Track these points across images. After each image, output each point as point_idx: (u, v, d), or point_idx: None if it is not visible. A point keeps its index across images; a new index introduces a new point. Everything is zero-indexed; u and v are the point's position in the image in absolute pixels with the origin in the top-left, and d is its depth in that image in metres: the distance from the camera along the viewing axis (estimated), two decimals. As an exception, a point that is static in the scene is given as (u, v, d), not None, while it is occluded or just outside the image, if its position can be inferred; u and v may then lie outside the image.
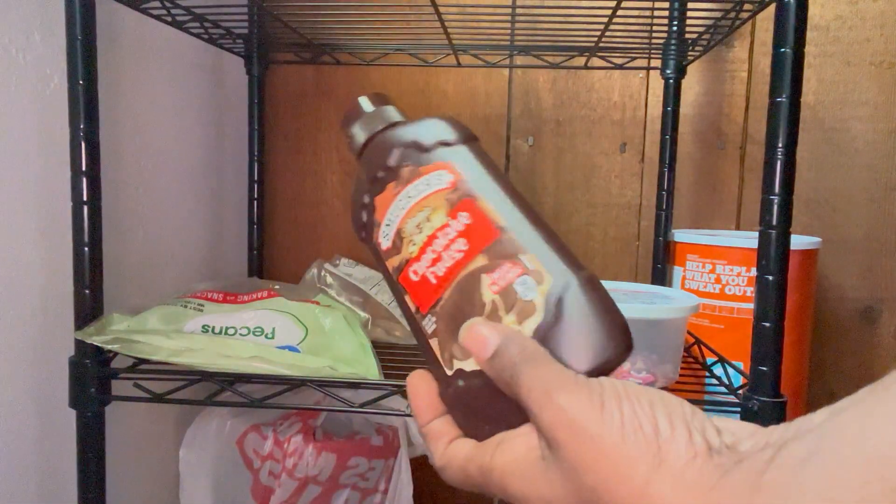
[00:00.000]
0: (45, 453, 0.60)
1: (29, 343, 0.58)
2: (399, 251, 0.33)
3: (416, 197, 0.33)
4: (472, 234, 0.31)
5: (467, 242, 0.31)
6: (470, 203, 0.31)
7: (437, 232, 0.31)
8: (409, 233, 0.32)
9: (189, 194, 0.83)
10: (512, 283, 0.29)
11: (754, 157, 0.96)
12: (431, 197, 0.32)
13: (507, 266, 0.30)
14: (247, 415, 0.78)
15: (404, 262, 0.32)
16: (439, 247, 0.31)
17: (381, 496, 0.80)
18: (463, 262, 0.31)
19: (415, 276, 0.32)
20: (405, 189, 0.33)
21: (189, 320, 0.62)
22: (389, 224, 0.33)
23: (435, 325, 0.31)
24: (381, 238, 0.34)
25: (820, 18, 0.92)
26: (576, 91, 0.98)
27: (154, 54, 0.74)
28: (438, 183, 0.32)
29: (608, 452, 0.23)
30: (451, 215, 0.31)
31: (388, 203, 0.34)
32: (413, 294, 0.32)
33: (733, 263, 0.79)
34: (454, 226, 0.31)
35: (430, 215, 0.32)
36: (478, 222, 0.31)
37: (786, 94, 0.51)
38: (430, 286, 0.31)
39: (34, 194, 0.58)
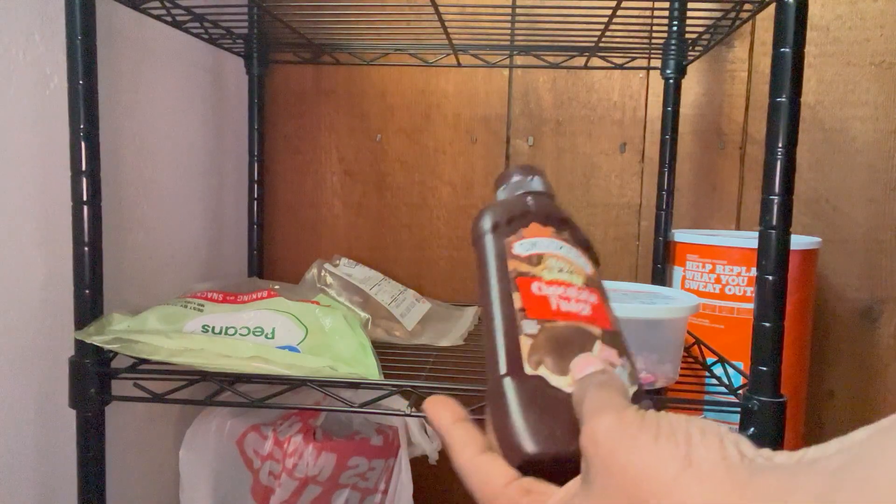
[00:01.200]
0: (45, 453, 0.60)
1: (29, 343, 0.58)
2: (532, 265, 0.36)
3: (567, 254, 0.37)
4: (596, 311, 0.35)
5: (592, 311, 0.35)
6: (598, 294, 0.36)
7: (572, 284, 0.35)
8: (550, 264, 0.36)
9: (189, 194, 0.83)
10: (615, 367, 0.32)
11: (754, 157, 0.96)
12: (576, 264, 0.37)
13: (615, 354, 0.33)
14: (247, 415, 0.78)
15: (532, 274, 0.35)
16: (571, 293, 0.35)
17: (381, 496, 0.80)
18: (584, 320, 0.34)
19: (538, 290, 0.35)
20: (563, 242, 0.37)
21: (189, 320, 0.62)
22: (535, 245, 0.37)
23: (536, 331, 0.33)
24: (517, 245, 0.37)
25: (820, 18, 0.92)
26: (576, 91, 0.98)
27: (154, 54, 0.74)
28: (584, 265, 0.37)
29: (640, 456, 0.23)
30: (586, 287, 0.36)
31: (544, 233, 0.38)
32: (525, 298, 0.35)
33: (733, 263, 0.79)
34: (586, 295, 0.35)
35: (573, 271, 0.36)
36: (601, 310, 0.35)
37: (786, 94, 0.51)
38: (548, 307, 0.34)
39: (34, 194, 0.58)
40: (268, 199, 1.02)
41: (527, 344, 0.33)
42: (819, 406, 0.96)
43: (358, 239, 1.03)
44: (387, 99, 1.00)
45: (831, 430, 0.97)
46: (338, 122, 1.01)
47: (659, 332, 0.62)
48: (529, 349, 0.33)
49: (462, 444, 0.31)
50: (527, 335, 0.33)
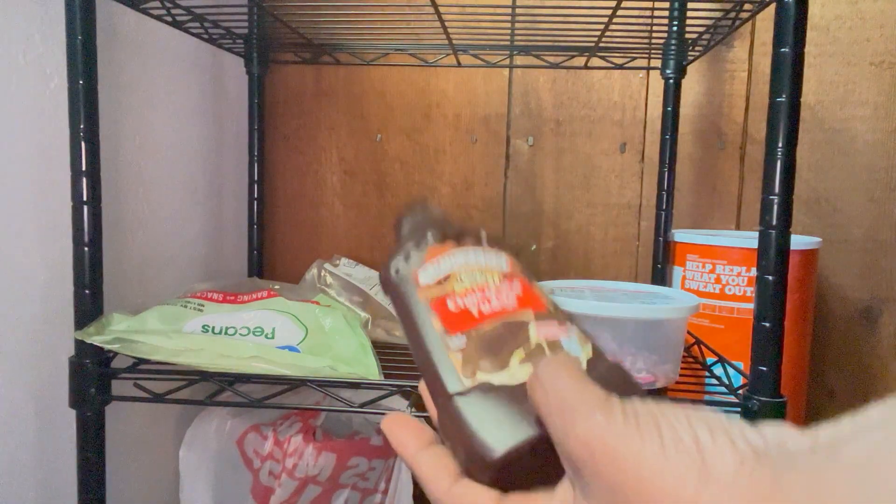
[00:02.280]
0: (45, 453, 0.60)
1: (29, 343, 0.58)
2: (439, 285, 0.35)
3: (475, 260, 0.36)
4: (523, 298, 0.33)
5: (518, 300, 0.33)
6: (524, 282, 0.35)
7: (491, 281, 0.34)
8: (459, 278, 0.35)
9: (189, 194, 0.83)
10: (559, 338, 0.31)
11: (754, 157, 0.96)
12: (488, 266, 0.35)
13: (555, 324, 0.32)
14: (247, 415, 0.78)
15: (441, 294, 0.34)
16: (491, 293, 0.34)
17: (381, 496, 0.80)
18: (512, 311, 0.32)
19: (454, 306, 0.34)
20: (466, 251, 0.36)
21: (189, 320, 0.62)
22: (438, 268, 0.36)
23: (464, 344, 0.32)
24: (420, 275, 0.36)
25: (820, 18, 0.92)
26: (576, 91, 0.98)
27: (154, 54, 0.74)
28: (498, 264, 0.36)
29: (651, 471, 0.21)
30: (506, 278, 0.34)
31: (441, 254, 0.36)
32: (444, 319, 0.33)
33: (733, 263, 0.79)
34: (507, 286, 0.34)
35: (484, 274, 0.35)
36: (529, 295, 0.34)
37: (786, 94, 0.51)
38: (468, 316, 0.33)
39: (34, 194, 0.58)
40: (268, 199, 1.02)
41: (458, 359, 0.32)
42: (819, 406, 0.96)
43: (358, 239, 1.03)
44: (387, 99, 1.00)
45: (831, 430, 0.96)
46: (338, 122, 1.01)
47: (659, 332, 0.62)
48: (462, 363, 0.31)
49: (434, 475, 0.29)
50: (456, 351, 0.32)
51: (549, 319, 0.32)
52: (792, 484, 0.19)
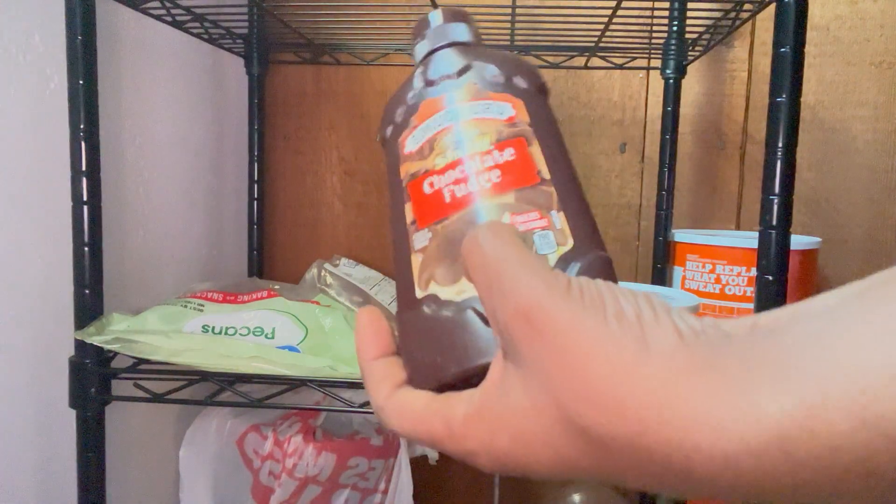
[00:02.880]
0: (45, 453, 0.60)
1: (29, 343, 0.58)
2: (423, 158, 0.30)
3: (469, 115, 0.30)
4: (511, 171, 0.29)
5: (501, 176, 0.28)
6: (521, 142, 0.29)
7: (474, 154, 0.29)
8: (443, 145, 0.30)
9: (189, 194, 0.83)
10: (532, 231, 0.27)
11: (754, 157, 0.96)
12: (485, 122, 0.30)
13: (534, 214, 0.28)
14: (247, 415, 0.78)
15: (423, 170, 0.30)
16: (470, 170, 0.29)
17: (381, 496, 0.80)
18: (489, 193, 0.28)
19: (429, 187, 0.29)
20: (462, 104, 0.30)
21: (189, 320, 0.62)
22: (427, 129, 0.31)
23: (428, 241, 0.28)
24: (408, 139, 0.31)
25: (820, 18, 0.92)
26: (576, 91, 0.98)
27: (154, 54, 0.74)
28: (499, 112, 0.30)
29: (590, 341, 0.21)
30: (496, 146, 0.29)
31: (435, 109, 0.31)
32: (416, 204, 0.30)
33: (733, 263, 0.79)
34: (495, 156, 0.29)
35: (475, 137, 0.29)
36: (521, 162, 0.29)
37: (786, 94, 0.51)
38: (440, 203, 0.29)
39: (34, 194, 0.58)
40: (268, 199, 1.02)
41: (417, 262, 0.29)
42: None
43: (358, 239, 1.03)
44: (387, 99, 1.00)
45: (831, 430, 0.96)
46: (338, 122, 1.01)
47: (659, 332, 0.62)
48: (420, 268, 0.28)
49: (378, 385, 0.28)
50: (417, 252, 0.29)
51: (531, 205, 0.28)
52: (727, 357, 0.19)
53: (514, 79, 0.31)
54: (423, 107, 0.31)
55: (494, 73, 0.31)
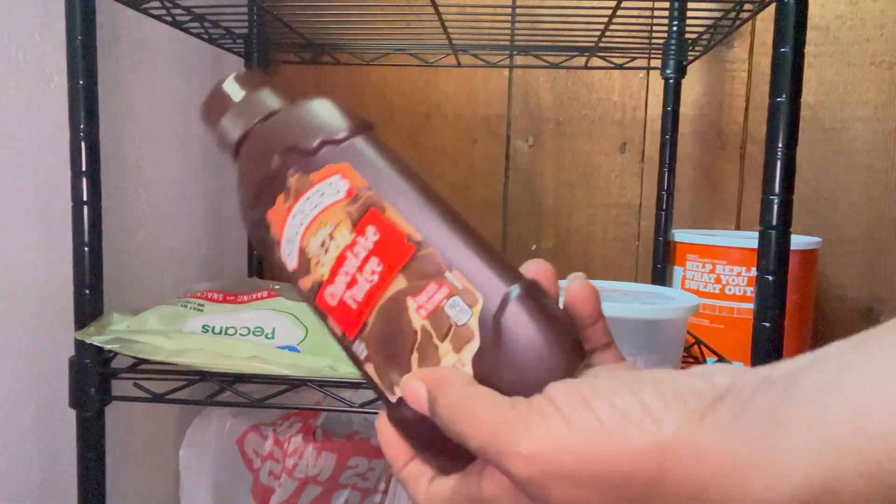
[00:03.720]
0: (45, 453, 0.60)
1: (29, 343, 0.58)
2: (308, 272, 0.29)
3: (310, 212, 0.28)
4: (385, 251, 0.27)
5: (381, 262, 0.27)
6: (376, 214, 0.27)
7: (345, 251, 0.27)
8: (314, 252, 0.28)
9: (189, 194, 0.83)
10: (441, 305, 0.26)
11: (754, 157, 0.96)
12: (329, 211, 0.28)
13: (432, 287, 0.26)
14: (247, 415, 0.78)
15: (317, 284, 0.28)
16: (351, 268, 0.27)
17: (381, 496, 0.80)
18: (381, 286, 0.27)
19: (332, 299, 0.28)
20: (297, 203, 0.28)
21: (189, 320, 0.62)
22: (290, 242, 0.29)
23: (366, 351, 0.28)
24: (285, 257, 0.29)
25: (820, 18, 0.92)
26: (576, 91, 0.98)
27: (154, 54, 0.74)
28: (334, 193, 0.28)
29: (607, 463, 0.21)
30: (357, 231, 0.27)
31: (282, 219, 0.29)
32: (335, 318, 0.28)
33: (733, 263, 0.79)
34: (362, 243, 0.27)
35: (332, 232, 0.28)
36: (388, 237, 0.27)
37: (786, 94, 0.51)
38: (351, 312, 0.28)
39: (34, 194, 0.58)
40: (268, 199, 1.01)
41: (373, 371, 0.28)
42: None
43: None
44: (387, 99, 1.00)
45: (831, 430, 0.96)
46: (338, 122, 1.01)
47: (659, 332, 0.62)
48: (378, 376, 0.28)
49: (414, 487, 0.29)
50: (366, 361, 0.28)
51: (423, 279, 0.26)
52: (750, 423, 0.19)
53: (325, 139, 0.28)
54: (271, 219, 0.30)
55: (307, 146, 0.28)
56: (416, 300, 0.26)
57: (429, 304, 0.26)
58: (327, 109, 0.30)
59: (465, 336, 0.25)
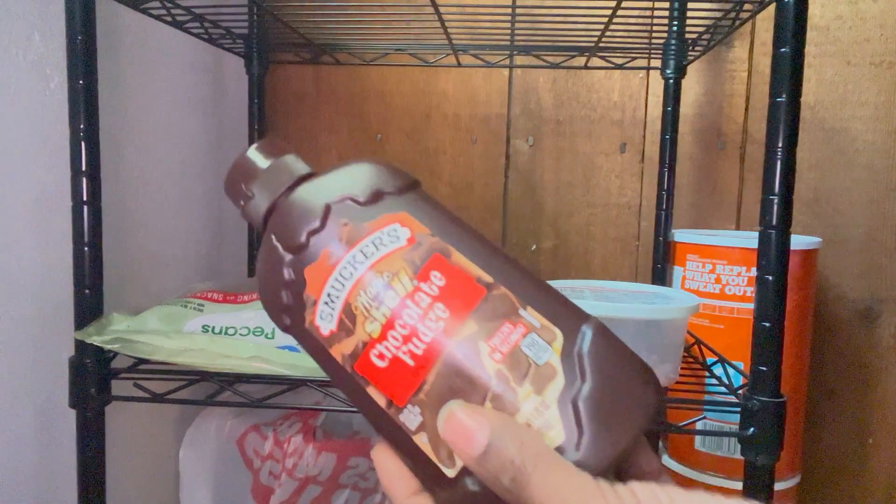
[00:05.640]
0: (45, 453, 0.60)
1: (29, 343, 0.58)
2: (351, 333, 0.26)
3: (364, 263, 0.26)
4: (453, 296, 0.25)
5: (447, 308, 0.25)
6: (440, 259, 0.26)
7: (405, 300, 0.25)
8: (364, 309, 0.26)
9: (189, 194, 0.83)
10: (517, 345, 0.24)
11: (754, 157, 0.96)
12: (386, 260, 0.26)
13: (507, 327, 0.24)
14: (247, 415, 0.78)
15: (361, 345, 0.26)
16: (412, 318, 0.25)
17: (382, 496, 0.80)
18: (448, 332, 0.24)
19: (381, 360, 0.25)
20: (348, 254, 0.26)
21: (189, 320, 0.62)
22: (331, 301, 0.26)
23: (421, 416, 0.25)
24: (318, 320, 0.27)
25: (820, 18, 0.92)
26: (576, 91, 0.98)
27: (154, 54, 0.74)
28: (393, 241, 0.26)
29: None
30: (419, 278, 0.25)
31: (325, 275, 0.26)
32: (381, 384, 0.26)
33: (733, 263, 0.79)
34: (427, 289, 0.25)
35: (390, 282, 0.25)
36: (456, 281, 0.25)
37: (786, 94, 0.51)
38: (406, 369, 0.25)
39: (34, 194, 0.58)
40: (268, 199, 1.01)
41: (426, 444, 0.25)
42: (819, 406, 0.96)
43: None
44: (387, 99, 1.00)
45: (831, 429, 0.97)
46: (338, 122, 1.01)
47: (659, 332, 0.62)
48: (433, 448, 0.25)
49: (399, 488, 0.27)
50: (417, 431, 0.25)
51: (496, 319, 0.25)
52: None
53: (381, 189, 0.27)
54: (309, 277, 0.27)
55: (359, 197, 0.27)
56: (489, 343, 0.24)
57: (503, 347, 0.24)
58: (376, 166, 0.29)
59: (546, 375, 0.24)
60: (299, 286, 0.27)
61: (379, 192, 0.27)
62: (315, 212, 0.27)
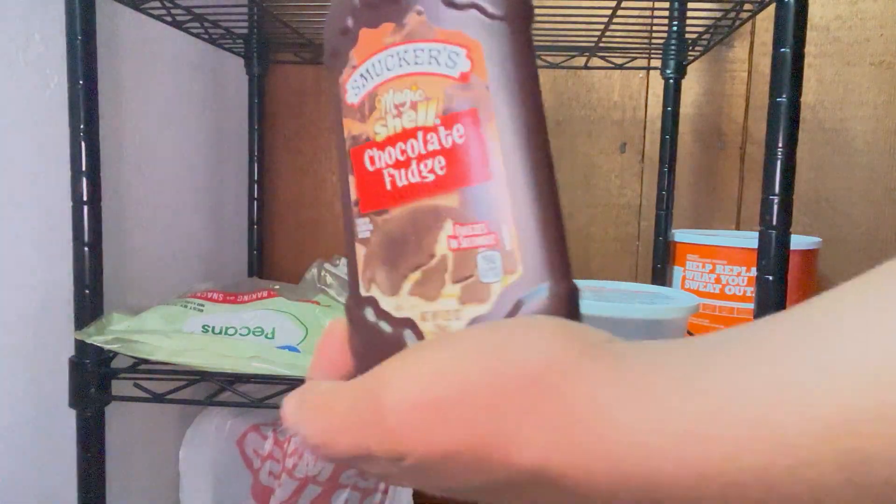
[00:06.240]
0: (45, 453, 0.60)
1: (29, 343, 0.58)
2: (364, 119, 0.25)
3: (410, 66, 0.24)
4: (458, 160, 0.23)
5: (446, 167, 0.23)
6: (475, 118, 0.23)
7: (417, 130, 0.24)
8: (384, 106, 0.24)
9: (189, 194, 0.83)
10: (476, 250, 0.23)
11: (754, 157, 0.96)
12: (429, 78, 0.24)
13: (480, 227, 0.23)
14: (247, 415, 0.78)
15: (364, 137, 0.25)
16: (412, 150, 0.24)
17: (381, 496, 0.80)
18: (431, 190, 0.24)
19: (370, 164, 0.25)
20: (402, 46, 0.24)
21: (189, 320, 0.62)
22: (366, 77, 0.25)
23: (369, 234, 0.25)
24: (348, 84, 0.26)
25: (820, 18, 0.92)
26: (576, 91, 0.98)
27: (154, 54, 0.74)
28: (448, 65, 0.23)
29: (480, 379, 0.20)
30: (443, 121, 0.23)
31: (374, 48, 0.25)
32: (359, 181, 0.26)
33: (733, 263, 0.79)
34: (441, 136, 0.23)
35: (418, 102, 0.24)
36: (472, 149, 0.23)
37: (786, 94, 0.51)
38: (381, 189, 0.25)
39: (34, 194, 0.58)
40: (268, 199, 1.02)
41: (361, 255, 0.26)
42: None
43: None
44: (387, 99, 1.00)
45: (831, 430, 0.96)
46: (338, 122, 1.01)
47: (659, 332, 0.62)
48: (363, 263, 0.26)
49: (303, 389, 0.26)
50: (360, 241, 0.26)
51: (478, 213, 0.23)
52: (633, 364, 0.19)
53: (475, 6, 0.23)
54: (362, 40, 0.25)
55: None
56: (456, 229, 0.23)
57: (465, 241, 0.23)
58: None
59: (479, 295, 0.23)
60: (350, 41, 0.25)
61: (473, 4, 0.23)
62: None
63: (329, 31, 0.26)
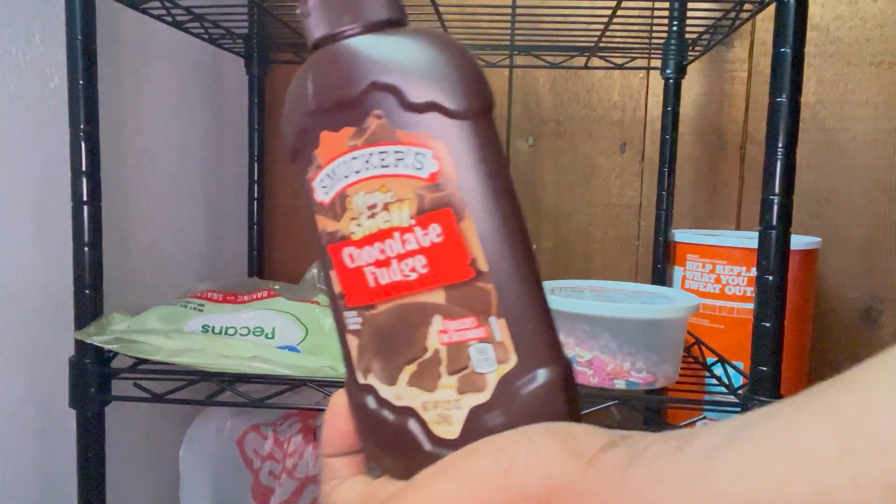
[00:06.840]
0: (45, 453, 0.60)
1: (29, 343, 0.58)
2: (337, 219, 0.25)
3: (375, 169, 0.24)
4: (439, 259, 0.23)
5: (428, 266, 0.24)
6: (449, 217, 0.23)
7: (393, 231, 0.24)
8: (355, 207, 0.24)
9: (189, 194, 0.83)
10: (468, 344, 0.24)
11: (754, 157, 0.96)
12: (399, 179, 0.23)
13: (469, 322, 0.23)
14: (247, 415, 0.78)
15: (340, 236, 0.25)
16: (391, 250, 0.24)
17: (381, 496, 0.80)
18: (414, 287, 0.24)
19: (350, 261, 0.25)
20: (366, 149, 0.24)
21: (189, 320, 0.62)
22: (334, 177, 0.25)
23: (359, 326, 0.26)
24: (316, 183, 0.25)
25: (820, 18, 0.92)
26: (576, 91, 0.98)
27: (154, 54, 0.74)
28: (416, 166, 0.23)
29: None
30: (419, 221, 0.23)
31: (338, 151, 0.24)
32: (341, 277, 0.25)
33: (733, 263, 0.79)
34: (418, 235, 0.23)
35: (390, 203, 0.24)
36: (450, 248, 0.23)
37: (786, 94, 0.51)
38: (364, 285, 0.25)
39: (34, 194, 0.58)
40: (268, 199, 1.02)
41: (354, 345, 0.26)
42: (819, 406, 0.96)
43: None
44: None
45: (831, 430, 0.96)
46: (338, 122, 1.01)
47: (659, 332, 0.62)
48: (357, 353, 0.26)
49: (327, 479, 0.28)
50: (351, 332, 0.26)
51: (465, 308, 0.23)
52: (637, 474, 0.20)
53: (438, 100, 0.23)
54: (324, 142, 0.25)
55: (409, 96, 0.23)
56: (445, 324, 0.24)
57: (455, 336, 0.24)
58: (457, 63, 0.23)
59: (476, 385, 0.24)
60: (312, 142, 0.25)
61: (433, 105, 0.23)
62: (356, 81, 0.23)
63: (287, 129, 0.26)
